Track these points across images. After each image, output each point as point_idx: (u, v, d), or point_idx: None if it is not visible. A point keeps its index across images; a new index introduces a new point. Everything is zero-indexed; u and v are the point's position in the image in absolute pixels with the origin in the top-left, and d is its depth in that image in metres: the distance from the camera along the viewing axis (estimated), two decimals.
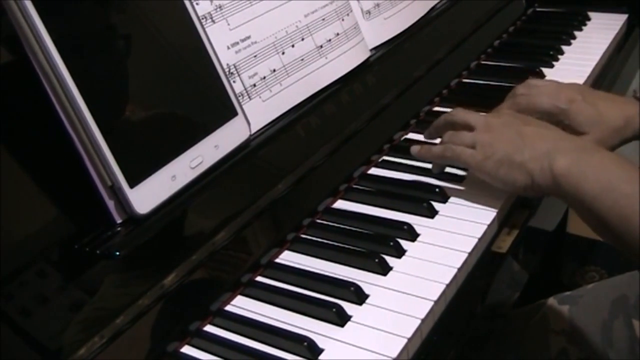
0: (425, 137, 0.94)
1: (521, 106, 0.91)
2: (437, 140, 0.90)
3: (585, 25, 1.32)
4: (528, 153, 0.76)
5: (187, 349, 0.67)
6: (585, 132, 0.87)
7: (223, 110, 0.76)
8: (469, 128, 0.83)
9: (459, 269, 0.72)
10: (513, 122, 0.82)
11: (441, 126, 0.90)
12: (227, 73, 0.79)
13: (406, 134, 1.00)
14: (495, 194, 0.83)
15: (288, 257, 0.77)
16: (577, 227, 1.90)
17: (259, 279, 0.75)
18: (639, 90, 1.47)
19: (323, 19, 0.91)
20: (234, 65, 0.80)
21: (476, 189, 0.84)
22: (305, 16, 0.89)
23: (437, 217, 0.81)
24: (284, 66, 0.85)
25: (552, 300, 0.97)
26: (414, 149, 0.89)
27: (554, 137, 0.78)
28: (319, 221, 0.83)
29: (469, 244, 0.75)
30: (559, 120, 0.88)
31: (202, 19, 0.77)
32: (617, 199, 0.68)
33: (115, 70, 0.67)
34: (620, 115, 0.88)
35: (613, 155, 0.75)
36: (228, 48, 0.80)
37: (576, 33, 1.28)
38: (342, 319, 0.67)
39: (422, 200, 0.82)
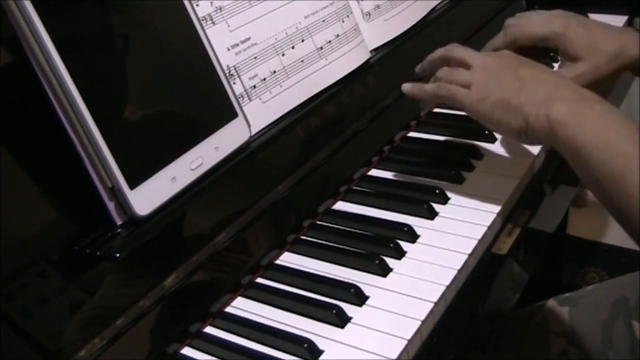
0: (416, 71, 0.90)
1: (514, 35, 0.89)
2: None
3: None
4: (525, 96, 0.74)
5: (187, 351, 0.67)
6: (581, 57, 0.85)
7: (223, 111, 0.76)
8: (466, 66, 0.81)
9: (459, 271, 0.72)
10: (512, 63, 0.79)
11: (436, 61, 0.86)
12: (227, 74, 0.79)
13: (407, 134, 1.00)
14: (496, 195, 0.83)
15: (288, 259, 0.77)
16: (577, 228, 1.91)
17: (259, 280, 0.75)
18: None
19: (323, 21, 0.91)
20: (234, 66, 0.80)
21: (476, 190, 0.84)
22: (306, 17, 0.89)
23: (437, 218, 0.81)
24: (284, 68, 0.85)
25: (552, 302, 0.97)
26: (406, 86, 0.86)
27: (554, 83, 0.76)
28: (319, 222, 0.83)
29: (469, 246, 0.75)
30: (554, 45, 0.87)
31: (202, 20, 0.77)
32: (612, 156, 0.67)
33: (115, 71, 0.67)
34: (615, 41, 0.86)
35: (615, 109, 0.72)
36: (228, 49, 0.80)
37: None
38: (342, 320, 0.67)
39: (422, 202, 0.82)
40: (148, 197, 0.66)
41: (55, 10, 0.62)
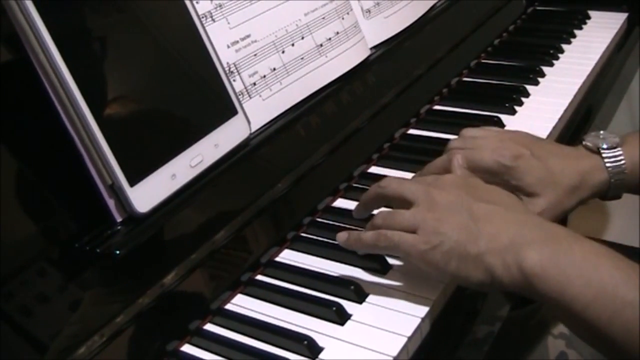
0: (354, 216, 0.77)
1: (459, 164, 0.75)
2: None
3: (585, 24, 1.32)
4: (485, 242, 0.62)
5: (187, 348, 0.67)
6: (536, 193, 0.75)
7: (223, 109, 0.76)
8: (407, 204, 0.68)
9: None
10: (462, 197, 0.66)
11: (371, 202, 0.74)
12: (227, 72, 0.79)
13: (406, 131, 1.00)
14: None
15: (288, 256, 0.77)
16: (577, 226, 1.91)
17: (259, 277, 0.75)
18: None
19: (323, 18, 0.91)
20: (234, 64, 0.80)
21: None
22: (305, 15, 0.89)
23: None
24: (284, 65, 0.85)
25: None
26: (341, 236, 0.71)
27: (515, 220, 0.64)
28: (319, 220, 0.83)
29: None
30: (504, 180, 0.75)
31: (202, 17, 0.77)
32: (618, 309, 0.57)
33: (116, 69, 0.67)
34: (574, 171, 0.76)
35: (596, 246, 0.61)
36: (228, 47, 0.80)
37: (576, 32, 1.28)
38: (342, 317, 0.67)
39: None
40: (148, 194, 0.66)
41: (56, 8, 0.61)
